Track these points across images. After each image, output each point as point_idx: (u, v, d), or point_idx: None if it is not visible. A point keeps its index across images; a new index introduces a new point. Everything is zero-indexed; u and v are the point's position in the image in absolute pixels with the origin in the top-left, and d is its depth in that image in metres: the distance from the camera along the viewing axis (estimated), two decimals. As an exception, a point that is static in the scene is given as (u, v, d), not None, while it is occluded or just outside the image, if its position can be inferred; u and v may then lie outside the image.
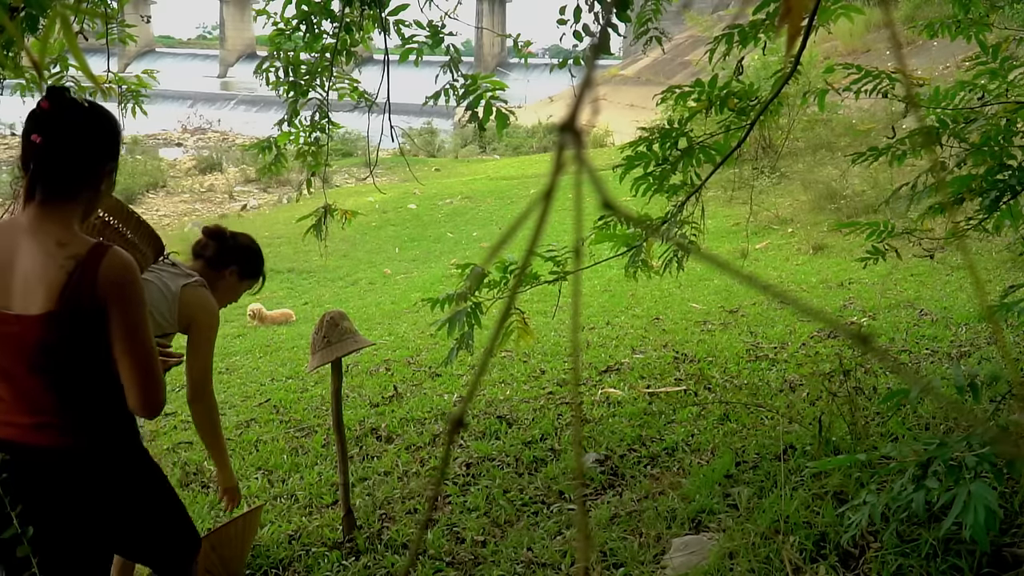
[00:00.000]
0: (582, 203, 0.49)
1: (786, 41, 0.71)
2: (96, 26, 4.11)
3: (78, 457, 1.79)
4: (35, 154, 1.71)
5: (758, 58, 10.10)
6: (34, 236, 1.69)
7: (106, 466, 1.83)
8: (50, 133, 1.72)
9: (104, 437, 1.82)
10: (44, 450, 1.76)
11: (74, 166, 1.74)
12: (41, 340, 1.68)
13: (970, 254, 7.24)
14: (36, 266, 1.67)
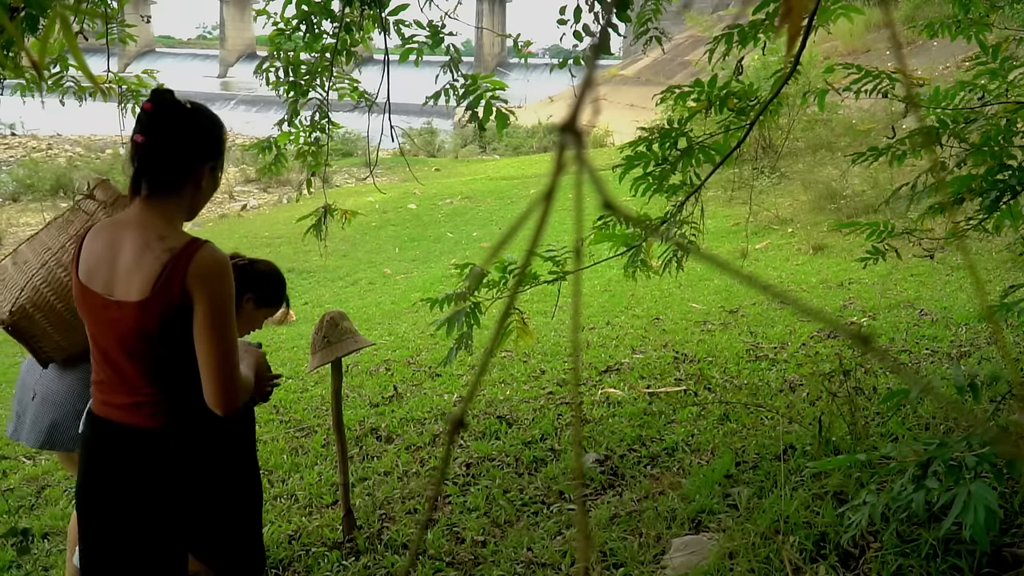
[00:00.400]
0: (582, 203, 0.49)
1: (786, 41, 0.71)
2: (96, 26, 4.11)
3: (168, 437, 1.88)
4: (138, 153, 1.82)
5: (758, 58, 10.10)
6: (138, 229, 1.82)
7: (192, 449, 1.92)
8: (152, 133, 1.82)
9: (193, 420, 1.90)
10: (138, 430, 1.87)
11: (174, 164, 1.84)
12: (138, 325, 1.79)
13: (970, 254, 7.24)
14: (136, 257, 1.80)
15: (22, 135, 25.33)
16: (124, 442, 1.88)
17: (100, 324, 1.84)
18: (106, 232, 1.85)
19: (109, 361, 1.86)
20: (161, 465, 1.89)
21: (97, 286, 1.83)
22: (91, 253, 1.85)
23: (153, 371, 1.85)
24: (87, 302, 1.84)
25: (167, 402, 1.87)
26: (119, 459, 1.89)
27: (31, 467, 4.15)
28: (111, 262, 1.82)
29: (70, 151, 22.98)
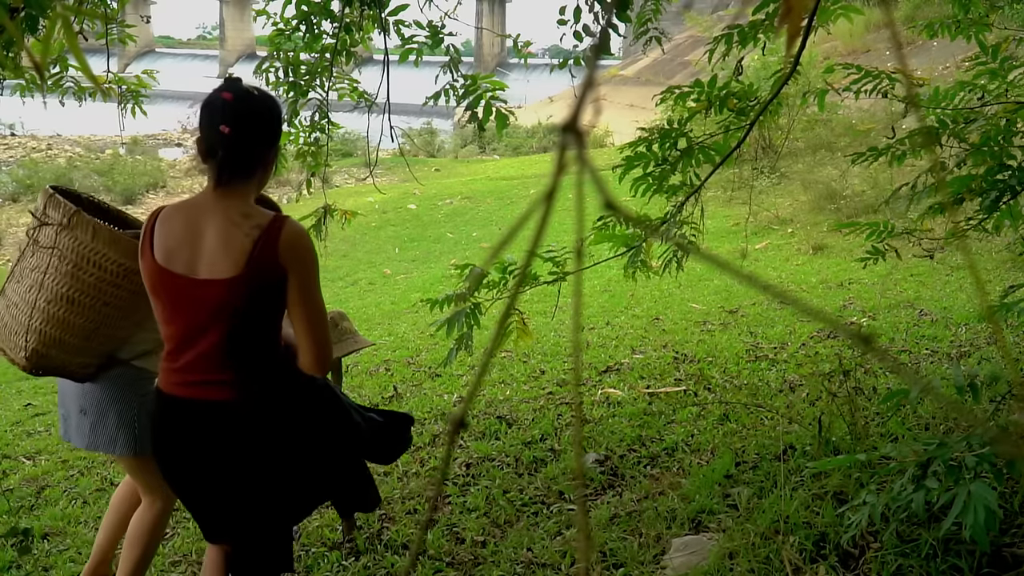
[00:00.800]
0: (583, 203, 0.49)
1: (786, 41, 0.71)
2: (96, 26, 4.11)
3: (246, 410, 1.97)
4: (223, 142, 1.88)
5: (758, 58, 10.10)
6: (219, 211, 1.89)
7: (270, 420, 2.00)
8: (236, 123, 1.89)
9: (272, 392, 1.99)
10: (215, 404, 1.95)
11: (255, 151, 1.93)
12: (226, 302, 1.87)
13: (970, 254, 7.24)
14: (222, 236, 1.87)
15: (22, 135, 25.33)
16: (202, 417, 1.95)
17: (180, 304, 1.90)
18: (182, 215, 1.92)
19: (187, 340, 1.92)
20: (242, 437, 1.97)
21: (179, 267, 1.88)
22: (168, 236, 1.89)
23: (232, 347, 1.91)
24: (166, 283, 1.89)
25: (247, 376, 1.95)
26: (199, 434, 1.96)
27: (31, 467, 4.15)
28: (193, 243, 1.88)
29: (70, 151, 22.99)
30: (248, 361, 1.95)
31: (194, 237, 1.89)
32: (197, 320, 1.90)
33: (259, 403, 1.98)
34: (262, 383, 1.98)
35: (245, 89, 1.93)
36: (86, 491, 3.79)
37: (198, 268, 1.88)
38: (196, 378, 1.94)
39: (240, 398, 1.95)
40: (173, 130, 27.39)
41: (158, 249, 1.90)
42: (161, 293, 1.92)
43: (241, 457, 2.00)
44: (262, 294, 1.89)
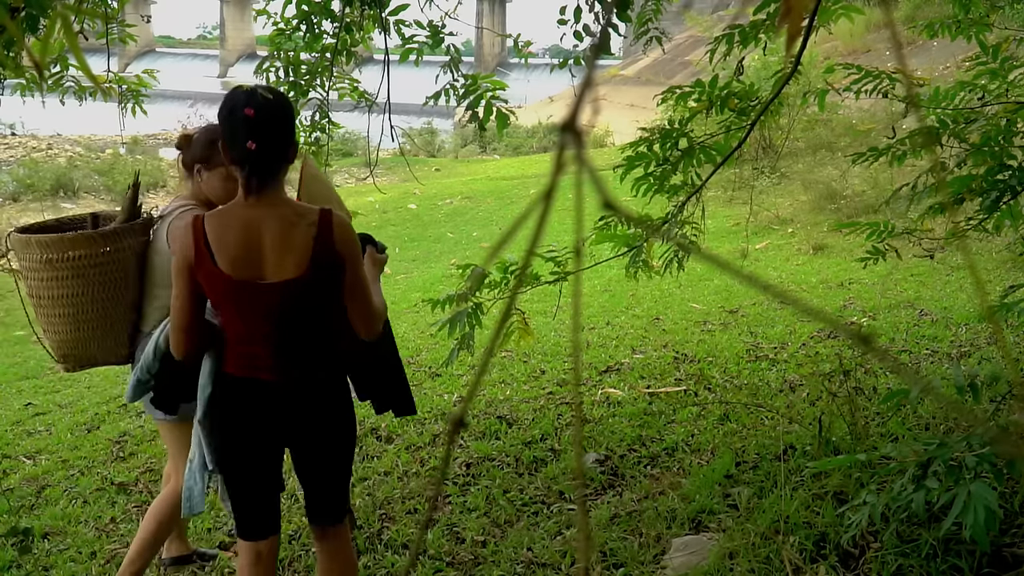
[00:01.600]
0: (583, 203, 0.49)
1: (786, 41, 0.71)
2: (96, 26, 4.11)
3: (318, 387, 2.18)
4: (251, 157, 2.01)
5: (758, 58, 10.10)
6: (271, 216, 2.03)
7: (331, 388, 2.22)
8: (262, 137, 2.00)
9: (332, 371, 2.22)
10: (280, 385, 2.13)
11: (279, 155, 2.06)
12: (295, 298, 2.04)
13: (970, 254, 7.24)
14: (283, 238, 2.02)
15: (22, 135, 25.32)
16: (273, 397, 2.14)
17: (250, 307, 2.05)
18: (235, 222, 2.03)
19: (258, 335, 2.09)
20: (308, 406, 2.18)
21: (245, 275, 2.02)
22: (228, 246, 2.02)
23: (302, 333, 2.11)
24: (235, 292, 2.03)
25: (317, 357, 2.16)
26: (265, 413, 2.15)
27: (31, 467, 4.15)
28: (256, 249, 2.02)
29: (70, 151, 22.99)
30: (318, 345, 2.15)
31: (255, 244, 2.02)
32: (270, 317, 2.06)
33: (319, 385, 2.19)
34: (324, 366, 2.19)
35: (262, 99, 2.02)
36: (86, 491, 3.79)
37: (265, 272, 2.03)
38: (263, 363, 2.11)
39: (301, 379, 2.15)
40: (173, 130, 27.31)
41: (221, 260, 2.02)
42: (231, 299, 2.05)
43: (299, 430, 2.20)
44: (327, 281, 2.07)
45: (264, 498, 2.29)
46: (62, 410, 5.10)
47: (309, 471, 2.29)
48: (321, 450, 2.26)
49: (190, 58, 52.62)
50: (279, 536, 2.38)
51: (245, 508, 2.28)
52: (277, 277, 2.02)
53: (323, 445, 2.25)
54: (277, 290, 2.02)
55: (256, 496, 2.28)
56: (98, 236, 2.57)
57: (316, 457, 2.27)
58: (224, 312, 2.10)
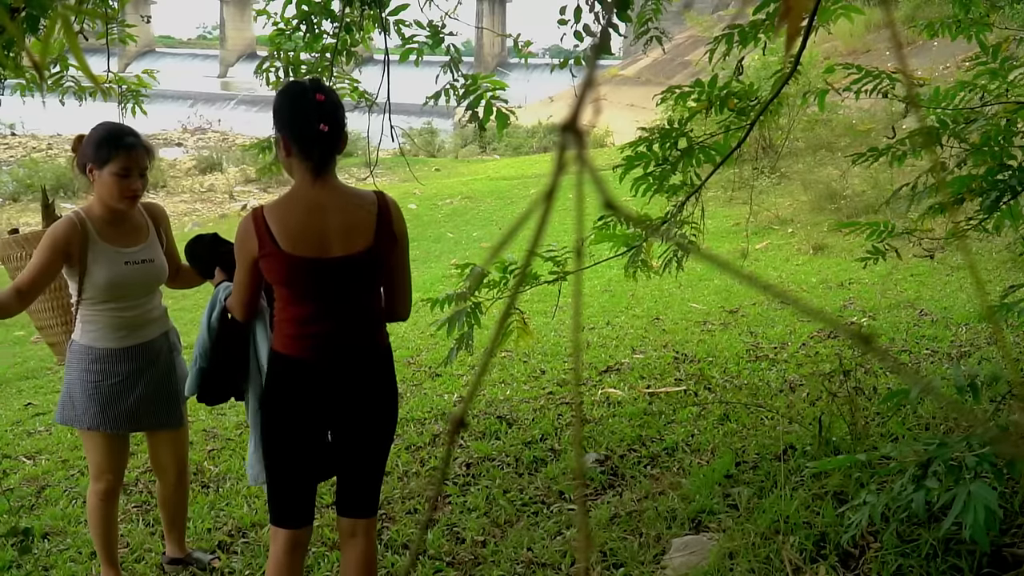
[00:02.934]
0: (583, 203, 0.49)
1: (786, 41, 0.71)
2: (96, 26, 4.11)
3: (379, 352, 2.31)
4: (321, 139, 2.13)
5: (758, 58, 10.09)
6: (335, 197, 2.17)
7: (383, 380, 2.32)
8: (331, 121, 2.14)
9: (387, 347, 2.35)
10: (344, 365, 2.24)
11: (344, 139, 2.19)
12: (360, 272, 2.18)
13: (970, 254, 7.24)
14: (347, 217, 2.16)
15: (22, 135, 25.32)
16: (324, 378, 2.22)
17: (315, 284, 2.15)
18: (299, 205, 2.16)
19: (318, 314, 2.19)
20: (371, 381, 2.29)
21: (309, 253, 2.12)
22: (291, 228, 2.12)
23: (360, 313, 2.25)
24: (298, 271, 2.13)
25: (380, 330, 2.33)
26: (315, 394, 2.23)
27: (31, 467, 4.15)
28: (321, 228, 2.13)
29: (70, 151, 22.98)
30: (374, 314, 2.30)
31: (318, 223, 2.13)
32: (329, 295, 2.17)
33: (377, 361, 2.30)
34: (379, 341, 2.32)
35: (327, 87, 2.21)
36: (86, 491, 3.78)
37: (331, 249, 2.13)
38: (328, 343, 2.21)
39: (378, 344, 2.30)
40: (173, 130, 27.38)
41: (284, 242, 2.11)
42: (295, 279, 2.15)
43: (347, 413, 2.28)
44: (386, 256, 2.22)
45: (306, 484, 2.32)
46: (62, 410, 5.10)
47: (351, 457, 2.33)
48: (366, 435, 2.31)
49: (190, 58, 52.57)
50: (312, 527, 2.40)
51: (285, 494, 2.29)
52: (344, 251, 2.14)
53: (369, 430, 2.31)
54: (344, 264, 2.14)
55: (298, 482, 2.30)
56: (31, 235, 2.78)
57: (361, 442, 2.32)
58: (292, 292, 2.18)
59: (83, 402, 2.66)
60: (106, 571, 2.89)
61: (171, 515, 3.02)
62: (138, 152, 2.62)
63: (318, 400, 2.24)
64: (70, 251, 2.56)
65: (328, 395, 2.24)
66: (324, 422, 2.29)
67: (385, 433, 2.36)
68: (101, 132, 2.64)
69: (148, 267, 2.70)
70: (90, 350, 2.66)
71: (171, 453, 2.91)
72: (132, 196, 2.63)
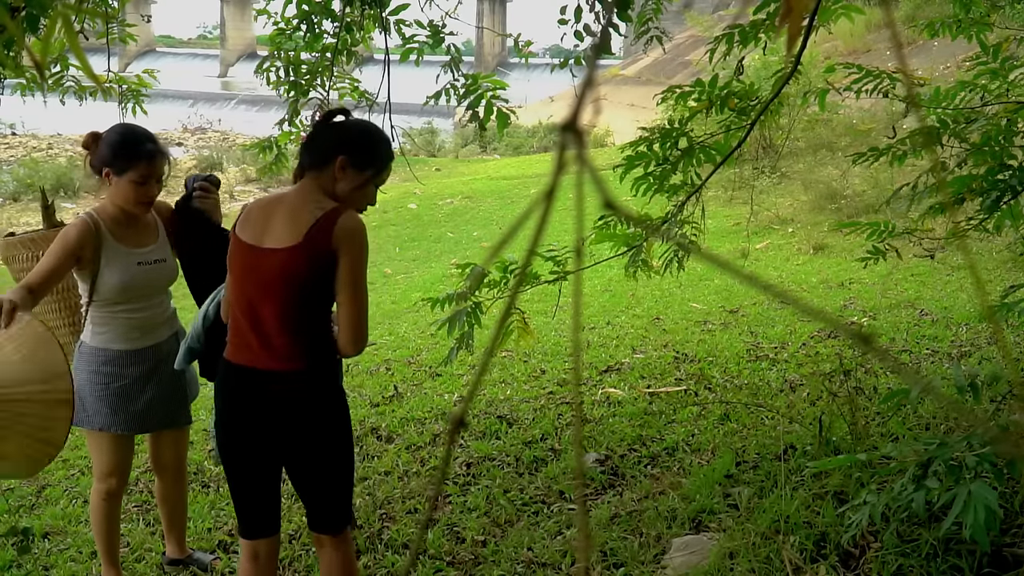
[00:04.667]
0: (583, 203, 0.49)
1: (786, 41, 0.71)
2: (97, 26, 4.11)
3: (300, 380, 2.17)
4: (303, 146, 2.27)
5: (758, 58, 10.09)
6: (291, 198, 2.18)
7: (318, 391, 2.21)
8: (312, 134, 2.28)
9: (321, 365, 2.20)
10: (272, 373, 2.15)
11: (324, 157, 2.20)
12: (285, 268, 2.10)
13: (971, 254, 7.24)
14: (294, 215, 2.13)
15: (22, 134, 25.33)
16: (259, 385, 2.16)
17: (249, 272, 2.14)
18: (270, 201, 2.21)
19: (254, 312, 2.14)
20: (294, 405, 2.18)
21: (249, 238, 2.14)
22: (254, 214, 2.18)
23: (290, 317, 2.13)
24: (239, 254, 2.16)
25: (300, 347, 2.15)
26: (257, 401, 2.17)
27: (32, 466, 4.15)
28: (266, 219, 2.15)
29: (71, 151, 22.97)
30: (305, 333, 2.17)
31: (267, 214, 2.16)
32: (259, 287, 2.13)
33: (316, 376, 2.19)
34: (316, 358, 2.19)
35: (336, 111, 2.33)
36: (87, 490, 3.79)
37: (264, 239, 2.13)
38: (253, 342, 2.15)
39: (300, 369, 2.17)
40: (174, 129, 27.37)
41: (240, 227, 2.18)
42: (235, 262, 2.18)
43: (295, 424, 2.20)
44: (320, 266, 2.10)
45: (262, 497, 2.29)
46: (62, 410, 5.09)
47: (304, 480, 2.27)
48: (315, 457, 2.23)
49: (190, 58, 52.55)
50: (279, 536, 2.38)
51: (243, 505, 2.30)
52: (272, 244, 2.11)
53: (317, 452, 2.22)
54: (271, 258, 2.10)
55: (253, 494, 2.28)
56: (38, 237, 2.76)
57: (311, 465, 2.25)
58: (231, 278, 2.19)
59: (93, 403, 2.66)
60: (107, 571, 2.89)
61: (171, 512, 3.03)
62: (158, 160, 2.63)
63: (260, 416, 2.19)
64: (83, 253, 2.55)
65: (270, 412, 2.18)
66: (270, 440, 2.23)
67: (333, 461, 2.25)
68: (120, 137, 2.62)
69: (160, 267, 2.70)
70: (101, 352, 2.66)
71: (173, 451, 2.92)
72: (148, 202, 2.65)
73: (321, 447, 2.23)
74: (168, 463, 2.93)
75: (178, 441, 2.93)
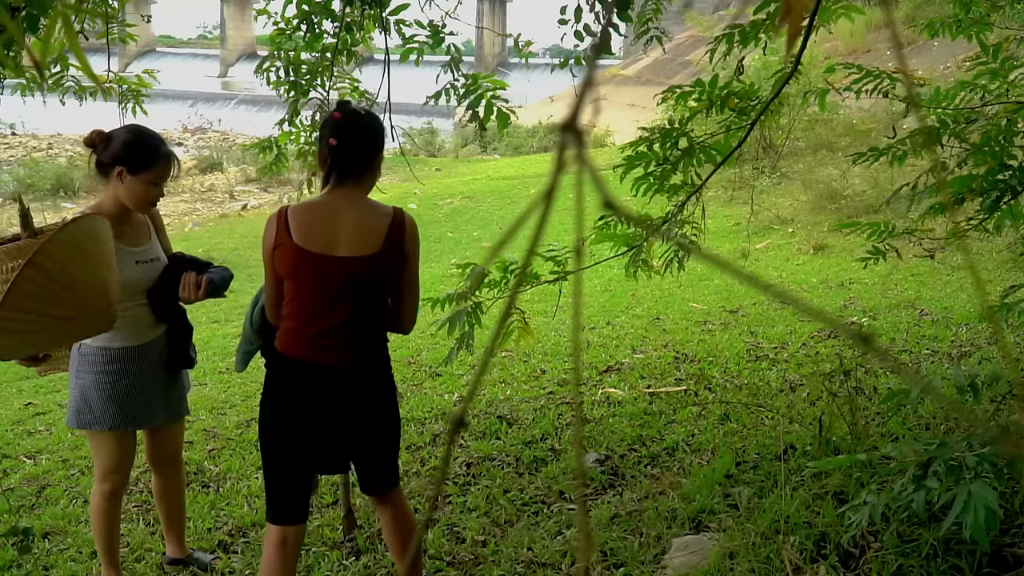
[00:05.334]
0: (583, 203, 0.49)
1: (786, 41, 0.71)
2: (97, 26, 4.11)
3: (373, 371, 2.38)
4: (333, 153, 2.30)
5: (758, 58, 10.09)
6: (352, 205, 2.30)
7: (386, 377, 2.42)
8: (344, 137, 2.30)
9: (385, 354, 2.42)
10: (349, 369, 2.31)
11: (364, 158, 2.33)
12: (363, 276, 2.27)
13: (971, 254, 7.24)
14: (361, 220, 2.28)
15: (22, 134, 25.33)
16: (333, 380, 2.30)
17: (322, 280, 2.26)
18: (318, 207, 2.30)
19: (328, 314, 2.27)
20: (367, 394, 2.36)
21: (318, 248, 2.24)
22: (305, 224, 2.26)
23: (367, 318, 2.32)
24: (306, 263, 2.24)
25: (372, 342, 2.36)
26: (329, 396, 2.31)
27: (32, 466, 4.15)
28: (332, 228, 2.26)
29: (71, 151, 22.97)
30: (369, 329, 2.34)
31: (331, 223, 2.26)
32: (336, 295, 2.27)
33: (375, 368, 2.38)
34: (380, 347, 2.40)
35: (358, 112, 2.37)
36: (87, 490, 3.79)
37: (338, 249, 2.24)
38: (327, 343, 2.28)
39: (368, 362, 2.35)
40: (174, 129, 27.37)
41: (297, 235, 2.25)
42: (301, 271, 2.27)
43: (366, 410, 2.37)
44: (391, 268, 2.31)
45: (303, 486, 2.39)
46: (62, 410, 5.09)
47: (372, 454, 2.44)
48: (377, 431, 2.42)
49: (190, 58, 52.50)
50: (305, 525, 2.45)
51: (280, 492, 2.37)
52: (349, 253, 2.25)
53: (378, 426, 2.42)
54: (347, 265, 2.24)
55: (297, 483, 2.37)
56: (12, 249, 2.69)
57: (372, 438, 2.42)
58: (296, 285, 2.28)
59: (101, 404, 2.66)
60: (107, 571, 2.89)
61: (169, 509, 3.03)
62: (172, 162, 2.69)
63: (311, 400, 2.30)
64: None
65: (333, 401, 2.31)
66: (326, 426, 2.34)
67: (389, 430, 2.45)
68: (138, 137, 2.64)
69: (155, 266, 2.72)
70: (103, 351, 2.66)
71: (169, 446, 2.94)
72: (155, 203, 2.70)
73: (389, 424, 2.44)
74: (165, 458, 2.94)
75: (175, 435, 2.95)
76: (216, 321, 7.84)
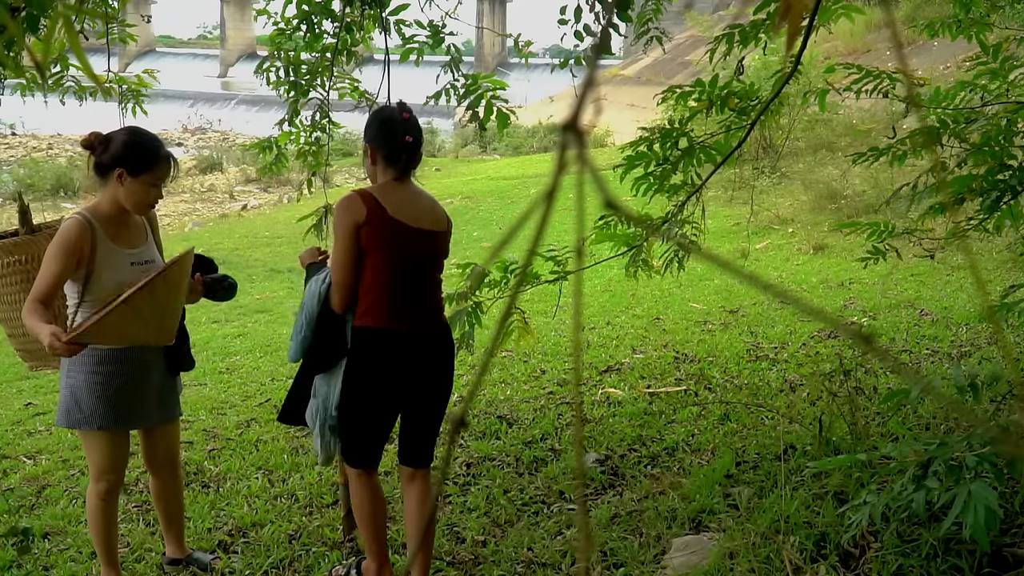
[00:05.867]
0: (584, 203, 0.49)
1: (786, 41, 0.71)
2: (97, 26, 4.11)
3: (444, 336, 2.71)
4: (407, 148, 2.59)
5: (758, 58, 10.09)
6: (418, 192, 2.64)
7: (451, 343, 2.76)
8: (417, 134, 2.63)
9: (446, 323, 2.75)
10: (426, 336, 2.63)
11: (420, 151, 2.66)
12: (440, 248, 2.63)
13: (971, 254, 7.24)
14: (431, 204, 2.64)
15: (22, 135, 25.33)
16: (413, 344, 2.58)
17: (409, 251, 2.54)
18: (395, 191, 2.56)
19: (406, 284, 2.55)
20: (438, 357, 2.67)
21: (411, 221, 2.52)
22: (396, 202, 2.53)
23: (437, 286, 2.66)
24: (401, 235, 2.51)
25: (441, 310, 2.69)
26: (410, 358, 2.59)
27: (32, 467, 4.15)
28: (416, 206, 2.57)
29: (71, 151, 22.97)
30: (439, 300, 2.69)
31: (413, 203, 2.57)
32: (418, 264, 2.58)
33: (445, 334, 2.71)
34: (444, 319, 2.72)
35: (410, 109, 2.67)
36: (86, 491, 3.79)
37: (420, 222, 2.55)
38: (409, 313, 2.55)
39: (434, 330, 2.64)
40: (174, 130, 27.38)
41: (392, 210, 2.50)
42: (394, 243, 2.51)
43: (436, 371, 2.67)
44: (446, 252, 2.66)
45: (386, 436, 2.71)
46: (62, 410, 5.10)
47: (423, 419, 2.70)
48: (435, 397, 2.69)
49: (190, 58, 52.50)
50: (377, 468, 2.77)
51: (375, 443, 2.68)
52: (431, 227, 2.57)
53: (437, 392, 2.68)
54: (430, 237, 2.56)
55: (384, 434, 2.68)
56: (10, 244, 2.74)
57: (435, 404, 2.70)
58: (383, 258, 2.50)
59: (91, 404, 2.66)
60: (106, 572, 2.89)
61: (168, 510, 3.03)
62: (172, 164, 2.70)
63: (397, 367, 2.57)
64: (83, 254, 2.56)
65: (405, 361, 2.58)
66: (400, 386, 2.62)
67: (444, 399, 2.73)
68: (139, 139, 2.64)
69: (150, 268, 2.71)
70: (95, 352, 2.65)
71: (166, 446, 2.93)
72: (154, 204, 2.71)
73: (446, 389, 2.71)
74: (162, 459, 2.94)
75: (170, 435, 2.95)
76: (216, 321, 7.84)
